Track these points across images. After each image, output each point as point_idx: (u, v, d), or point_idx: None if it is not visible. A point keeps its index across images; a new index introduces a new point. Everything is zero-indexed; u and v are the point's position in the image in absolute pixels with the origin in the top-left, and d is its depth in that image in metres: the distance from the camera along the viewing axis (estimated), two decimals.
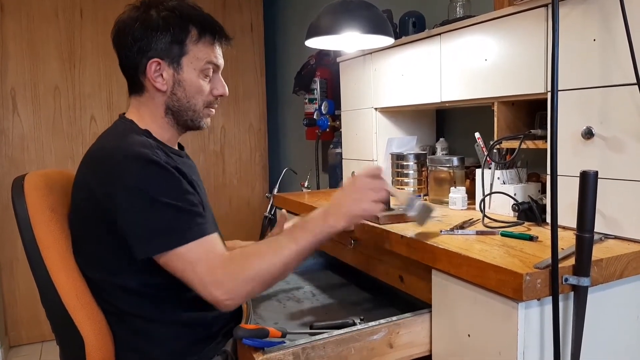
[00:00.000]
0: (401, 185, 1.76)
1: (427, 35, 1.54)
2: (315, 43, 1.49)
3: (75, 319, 1.00)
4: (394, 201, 1.23)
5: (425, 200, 1.38)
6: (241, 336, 0.96)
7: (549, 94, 1.14)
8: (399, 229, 1.20)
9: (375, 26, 1.37)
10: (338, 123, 2.36)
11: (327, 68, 2.52)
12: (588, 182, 0.85)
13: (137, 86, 1.09)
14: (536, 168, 1.39)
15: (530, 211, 1.21)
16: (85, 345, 1.00)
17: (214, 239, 0.96)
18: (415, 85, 1.62)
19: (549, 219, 1.14)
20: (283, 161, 3.46)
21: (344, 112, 2.07)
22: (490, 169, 1.35)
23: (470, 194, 1.49)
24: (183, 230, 0.92)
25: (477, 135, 1.40)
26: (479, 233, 1.13)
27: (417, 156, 1.73)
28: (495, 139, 1.34)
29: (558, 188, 0.90)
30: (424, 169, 1.72)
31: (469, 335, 0.97)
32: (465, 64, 1.41)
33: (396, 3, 1.99)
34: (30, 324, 2.78)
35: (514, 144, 1.29)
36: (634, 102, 0.99)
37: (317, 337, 0.97)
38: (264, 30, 3.33)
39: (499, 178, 1.33)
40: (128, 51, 1.06)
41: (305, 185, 2.51)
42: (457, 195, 1.47)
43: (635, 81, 0.96)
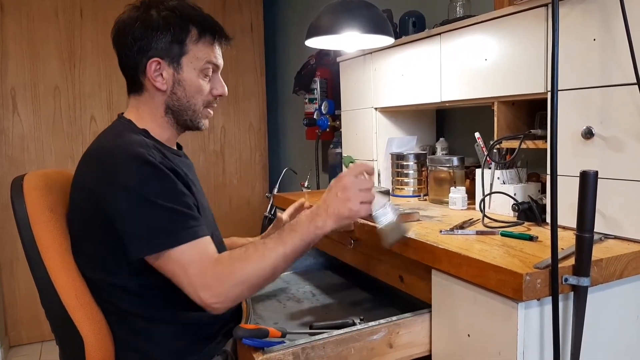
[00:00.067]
0: (401, 186, 1.76)
1: (427, 35, 1.54)
2: (315, 43, 1.48)
3: (75, 319, 1.00)
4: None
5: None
6: (241, 336, 0.96)
7: (549, 93, 1.14)
8: None
9: (375, 26, 1.37)
10: (338, 123, 2.36)
11: (327, 68, 2.52)
12: (588, 182, 0.85)
13: (137, 86, 1.09)
14: (536, 168, 1.39)
15: (530, 211, 1.21)
16: (85, 345, 1.00)
17: (206, 241, 0.95)
18: (415, 85, 1.62)
19: (548, 219, 1.14)
20: (283, 161, 3.46)
21: (344, 112, 2.07)
22: (490, 168, 1.35)
23: (470, 194, 1.49)
24: (176, 232, 0.92)
25: (477, 135, 1.40)
26: (479, 233, 1.13)
27: (417, 156, 1.74)
28: (495, 138, 1.34)
29: (558, 188, 0.90)
30: (424, 169, 1.72)
31: (469, 335, 0.97)
32: (465, 64, 1.41)
33: (396, 3, 1.99)
34: (30, 324, 2.78)
35: (514, 144, 1.29)
36: (634, 102, 0.99)
37: (317, 337, 0.97)
38: (264, 30, 3.33)
39: (498, 178, 1.33)
40: (128, 51, 1.06)
41: (305, 185, 2.51)
42: (457, 195, 1.47)
43: (635, 81, 0.96)
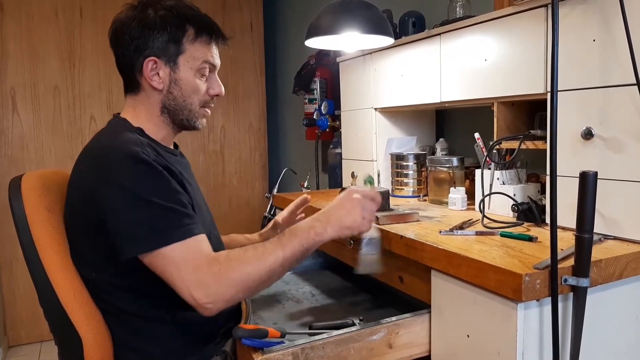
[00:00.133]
0: (400, 186, 1.76)
1: (427, 36, 1.54)
2: (315, 43, 1.48)
3: (73, 319, 1.00)
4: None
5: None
6: (240, 336, 0.96)
7: (549, 94, 1.14)
8: (399, 229, 1.20)
9: (375, 26, 1.37)
10: (338, 123, 2.36)
11: (327, 68, 2.52)
12: (587, 183, 0.85)
13: (134, 85, 1.09)
14: (536, 168, 1.39)
15: (529, 212, 1.21)
16: (84, 345, 0.99)
17: (201, 240, 0.94)
18: (415, 85, 1.62)
19: (548, 220, 1.14)
20: (283, 161, 3.46)
21: (344, 112, 2.07)
22: (489, 169, 1.35)
23: (470, 195, 1.49)
24: (170, 230, 0.91)
25: (477, 135, 1.40)
26: (478, 233, 1.13)
27: (417, 156, 1.74)
28: (495, 139, 1.34)
29: (557, 188, 0.90)
30: (423, 169, 1.72)
31: (468, 336, 0.97)
32: (465, 64, 1.41)
33: (396, 3, 1.99)
34: (30, 324, 2.78)
35: (514, 145, 1.29)
36: (634, 103, 0.98)
37: (317, 338, 0.97)
38: (263, 30, 3.33)
39: (498, 178, 1.33)
40: (125, 50, 1.06)
41: (305, 186, 2.52)
42: (457, 195, 1.47)
43: (635, 82, 0.96)
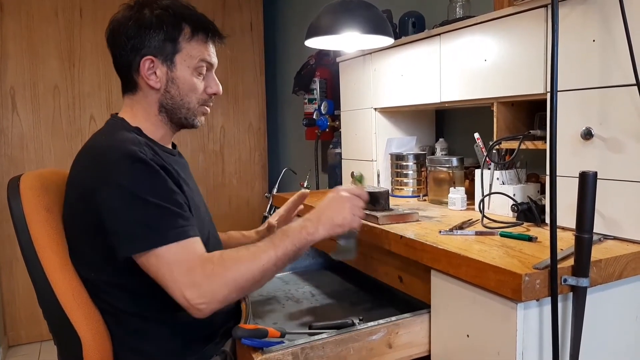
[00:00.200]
0: (400, 186, 1.76)
1: (427, 36, 1.54)
2: (315, 43, 1.48)
3: (72, 319, 1.00)
4: None
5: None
6: (240, 336, 0.96)
7: (549, 94, 1.14)
8: (399, 229, 1.20)
9: (375, 26, 1.37)
10: (337, 123, 2.36)
11: (327, 68, 2.52)
12: (587, 183, 0.85)
13: (131, 84, 1.10)
14: (535, 168, 1.39)
15: (529, 212, 1.22)
16: (83, 345, 0.99)
17: (195, 242, 0.94)
18: (414, 85, 1.62)
19: (548, 220, 1.14)
20: (282, 161, 3.46)
21: (344, 112, 2.07)
22: (489, 169, 1.35)
23: (470, 195, 1.49)
24: (165, 230, 0.91)
25: (477, 135, 1.41)
26: (478, 233, 1.13)
27: (417, 156, 1.74)
28: (495, 139, 1.34)
29: (557, 189, 0.90)
30: (423, 169, 1.72)
31: (468, 336, 0.97)
32: (465, 65, 1.41)
33: (396, 3, 1.99)
34: (29, 324, 2.78)
35: (514, 145, 1.29)
36: (634, 103, 0.99)
37: (316, 337, 0.97)
38: (263, 29, 3.33)
39: (498, 178, 1.33)
40: (122, 50, 1.06)
41: (305, 185, 2.52)
42: (457, 195, 1.47)
43: (634, 82, 0.96)
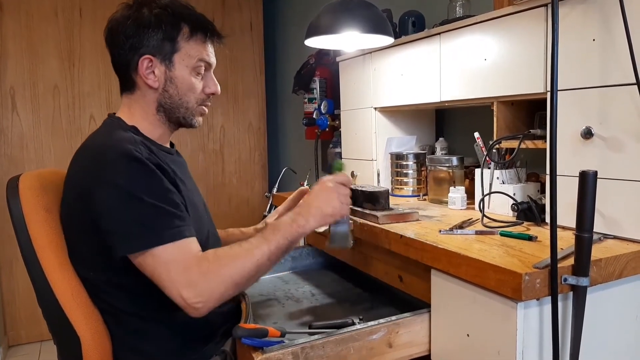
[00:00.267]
0: (400, 185, 1.76)
1: (427, 35, 1.54)
2: (315, 42, 1.48)
3: (71, 319, 1.00)
4: None
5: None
6: (240, 335, 0.96)
7: (549, 93, 1.14)
8: (399, 228, 1.20)
9: (375, 26, 1.37)
10: (337, 122, 2.36)
11: (327, 67, 2.52)
12: (587, 182, 0.85)
13: (129, 84, 1.10)
14: (535, 168, 1.39)
15: (529, 211, 1.21)
16: (82, 344, 0.99)
17: (191, 242, 0.95)
18: (414, 84, 1.62)
19: (548, 219, 1.14)
20: (282, 160, 3.46)
21: (344, 112, 2.06)
22: (489, 168, 1.35)
23: (470, 194, 1.49)
24: (160, 231, 0.92)
25: (477, 135, 1.40)
26: (478, 233, 1.13)
27: (417, 156, 1.74)
28: (495, 138, 1.34)
29: (557, 188, 0.90)
30: (423, 169, 1.72)
31: (468, 335, 0.97)
32: (465, 64, 1.41)
33: (396, 3, 1.99)
34: (30, 324, 2.78)
35: (514, 144, 1.29)
36: (634, 102, 0.99)
37: (316, 337, 0.97)
38: (263, 29, 3.33)
39: (498, 178, 1.33)
40: (120, 49, 1.06)
41: (305, 185, 2.51)
42: (457, 195, 1.47)
43: (634, 81, 0.96)
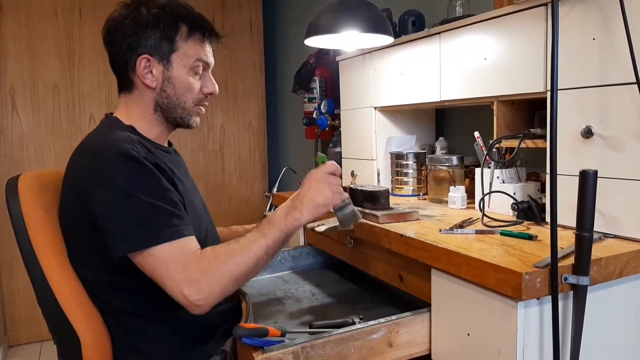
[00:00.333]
0: (400, 185, 1.76)
1: (427, 34, 1.54)
2: (315, 42, 1.48)
3: (71, 318, 1.00)
4: None
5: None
6: (241, 335, 0.96)
7: (549, 93, 1.14)
8: (399, 228, 1.20)
9: (375, 25, 1.37)
10: (337, 122, 2.36)
11: (327, 67, 2.52)
12: (587, 181, 0.85)
13: (127, 83, 1.10)
14: (535, 167, 1.39)
15: (529, 210, 1.22)
16: (82, 344, 1.00)
17: (189, 240, 0.95)
18: (414, 84, 1.62)
19: (548, 218, 1.14)
20: (282, 160, 3.46)
21: (344, 111, 2.06)
22: (489, 168, 1.35)
23: (470, 193, 1.49)
24: (159, 230, 0.92)
25: (477, 134, 1.40)
26: (478, 232, 1.13)
27: (417, 155, 1.74)
28: (495, 138, 1.34)
29: (557, 187, 0.90)
30: (423, 168, 1.72)
31: (469, 334, 0.97)
32: (465, 63, 1.41)
33: (396, 2, 1.99)
34: (30, 324, 2.77)
35: (514, 143, 1.29)
36: (634, 102, 0.99)
37: (317, 336, 0.97)
38: (263, 28, 3.33)
39: (498, 177, 1.33)
40: (118, 48, 1.06)
41: None
42: (457, 194, 1.47)
43: (634, 80, 0.96)
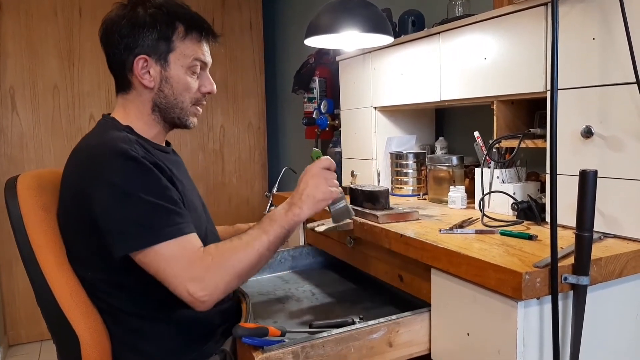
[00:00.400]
0: (400, 185, 1.76)
1: (427, 34, 1.54)
2: (315, 42, 1.48)
3: (70, 318, 1.00)
4: None
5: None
6: (240, 335, 0.96)
7: (549, 92, 1.14)
8: (399, 228, 1.20)
9: (375, 25, 1.37)
10: (337, 122, 2.36)
11: (327, 67, 2.52)
12: (587, 181, 0.85)
13: (125, 84, 1.10)
14: (535, 167, 1.39)
15: (529, 210, 1.22)
16: (81, 343, 1.00)
17: (191, 238, 0.96)
18: (414, 84, 1.62)
19: (548, 218, 1.14)
20: (282, 160, 3.46)
21: (344, 111, 2.06)
22: (489, 168, 1.35)
23: (470, 193, 1.49)
24: (160, 228, 0.92)
25: (477, 134, 1.40)
26: (478, 232, 1.13)
27: (417, 155, 1.74)
28: (495, 138, 1.34)
29: (557, 187, 0.90)
30: (423, 168, 1.72)
31: (469, 334, 0.97)
32: (465, 63, 1.41)
33: (395, 2, 1.99)
34: (30, 323, 2.77)
35: (514, 143, 1.29)
36: (634, 101, 0.99)
37: (317, 336, 0.97)
38: (263, 28, 3.32)
39: (498, 177, 1.33)
40: (115, 49, 1.06)
41: None
42: (457, 194, 1.47)
43: (634, 80, 0.96)
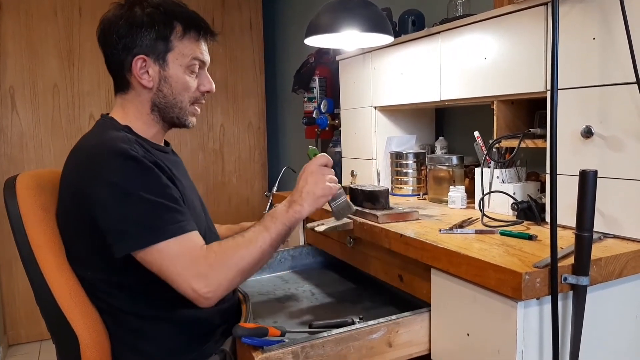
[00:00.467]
0: (400, 185, 1.76)
1: (427, 34, 1.54)
2: (315, 41, 1.48)
3: (69, 318, 1.00)
4: None
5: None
6: (240, 335, 0.96)
7: (549, 92, 1.14)
8: (398, 228, 1.20)
9: (375, 24, 1.37)
10: (337, 122, 2.36)
11: (327, 66, 2.52)
12: (587, 181, 0.85)
13: (123, 84, 1.10)
14: (535, 167, 1.39)
15: (529, 210, 1.21)
16: (80, 343, 1.00)
17: (194, 235, 0.96)
18: (414, 83, 1.62)
19: (548, 218, 1.14)
20: (282, 160, 3.46)
21: (344, 111, 2.06)
22: (489, 167, 1.35)
23: (470, 193, 1.49)
24: (163, 226, 0.92)
25: (477, 134, 1.40)
26: (478, 232, 1.13)
27: (417, 155, 1.74)
28: (495, 137, 1.33)
29: (557, 187, 0.90)
30: (423, 168, 1.72)
31: (468, 334, 0.97)
32: (465, 63, 1.41)
33: (395, 1, 1.99)
34: (29, 323, 2.77)
35: (514, 143, 1.29)
36: (634, 101, 0.98)
37: (317, 336, 0.97)
38: (263, 28, 3.32)
39: (498, 177, 1.33)
40: (113, 49, 1.06)
41: None
42: (456, 194, 1.47)
43: (634, 80, 0.96)
